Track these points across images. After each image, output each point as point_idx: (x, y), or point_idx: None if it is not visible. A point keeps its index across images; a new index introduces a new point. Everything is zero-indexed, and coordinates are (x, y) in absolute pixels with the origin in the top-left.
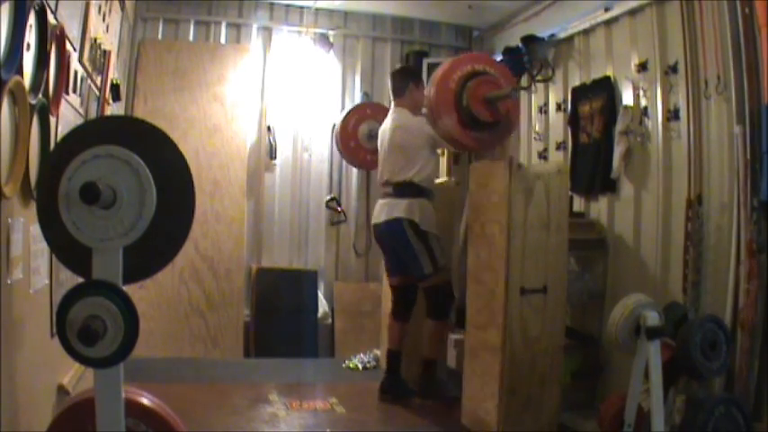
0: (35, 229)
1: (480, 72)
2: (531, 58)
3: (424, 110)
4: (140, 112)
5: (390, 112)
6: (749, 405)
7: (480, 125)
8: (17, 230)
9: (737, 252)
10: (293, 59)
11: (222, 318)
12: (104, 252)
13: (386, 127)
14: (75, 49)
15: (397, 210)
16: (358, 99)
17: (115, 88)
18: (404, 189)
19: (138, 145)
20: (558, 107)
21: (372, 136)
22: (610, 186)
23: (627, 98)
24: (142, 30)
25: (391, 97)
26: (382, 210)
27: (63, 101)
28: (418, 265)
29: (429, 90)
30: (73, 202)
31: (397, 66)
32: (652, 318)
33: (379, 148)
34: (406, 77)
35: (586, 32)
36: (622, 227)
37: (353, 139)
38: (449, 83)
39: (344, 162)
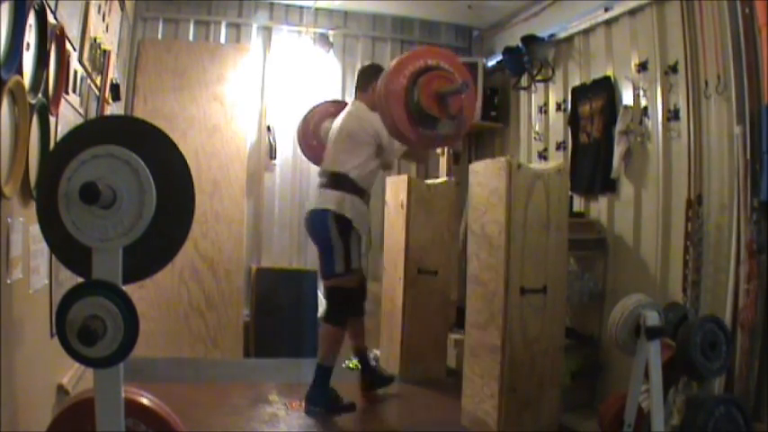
0: (35, 229)
1: (434, 67)
2: (531, 58)
3: None
4: (140, 112)
5: (348, 104)
6: (749, 405)
7: (430, 121)
8: (17, 230)
9: (737, 252)
10: (293, 59)
11: (222, 318)
12: (104, 252)
13: (340, 116)
14: (74, 49)
15: (327, 201)
16: None
17: (115, 88)
18: (338, 181)
19: (138, 145)
20: (558, 107)
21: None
22: (610, 186)
23: (627, 98)
24: (142, 29)
25: (353, 93)
26: (315, 199)
27: (63, 100)
28: (330, 261)
29: (380, 82)
30: (72, 201)
31: (366, 63)
32: (652, 318)
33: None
34: (373, 75)
35: (586, 32)
36: (622, 227)
37: (315, 137)
38: (400, 77)
39: None
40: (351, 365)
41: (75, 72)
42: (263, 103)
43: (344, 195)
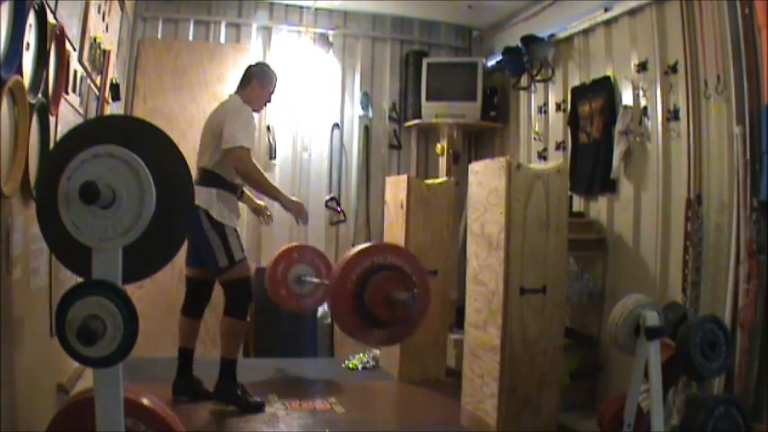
0: (34, 229)
1: (390, 266)
2: (530, 58)
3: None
4: (140, 112)
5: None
6: (749, 405)
7: (378, 323)
8: (17, 230)
9: (737, 252)
10: (293, 59)
11: (221, 317)
12: (104, 252)
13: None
14: (74, 49)
15: (197, 198)
16: (358, 99)
17: (115, 88)
18: (205, 176)
19: (138, 145)
20: (558, 107)
21: (301, 281)
22: (609, 186)
23: (626, 98)
24: (142, 29)
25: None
26: None
27: (62, 100)
28: (213, 257)
29: (333, 274)
30: (72, 201)
31: (259, 61)
32: (651, 318)
33: None
34: (255, 75)
35: (586, 32)
36: (622, 227)
37: (283, 286)
38: (351, 274)
39: (344, 162)
40: (350, 365)
41: (75, 72)
42: None
43: (211, 191)
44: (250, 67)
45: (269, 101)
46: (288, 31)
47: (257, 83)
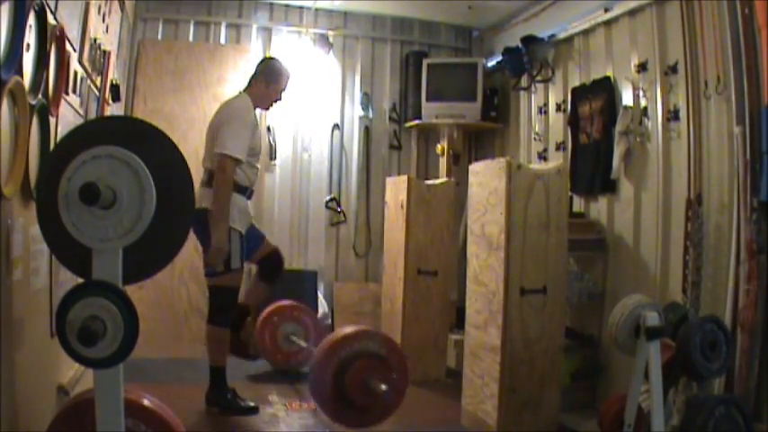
0: (35, 230)
1: (374, 354)
2: (530, 59)
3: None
4: (140, 113)
5: None
6: (749, 405)
7: (355, 407)
8: (17, 231)
9: (737, 252)
10: (293, 60)
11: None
12: (104, 252)
13: None
14: (74, 50)
15: (203, 199)
16: (358, 99)
17: (115, 89)
18: (210, 178)
19: (138, 145)
20: (558, 107)
21: (289, 340)
22: (609, 187)
23: (627, 98)
24: (142, 30)
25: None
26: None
27: (63, 101)
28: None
29: (315, 354)
30: (73, 202)
31: (267, 57)
32: (652, 318)
33: None
34: (261, 73)
35: (586, 33)
36: (622, 227)
37: (280, 351)
38: (334, 358)
39: (344, 162)
40: None
41: (75, 73)
42: None
43: None
44: (258, 63)
45: (278, 99)
46: (288, 32)
47: (262, 81)
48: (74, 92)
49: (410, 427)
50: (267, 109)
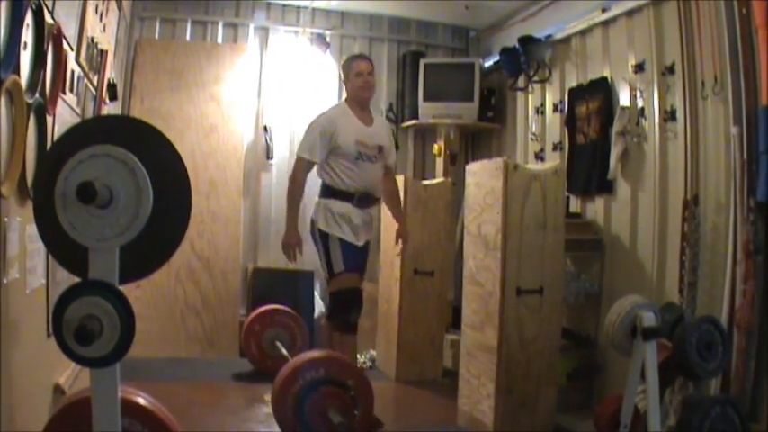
0: (31, 229)
1: (335, 381)
2: (527, 59)
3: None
4: (137, 112)
5: None
6: (745, 406)
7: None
8: (14, 230)
9: (734, 253)
10: (290, 59)
11: (218, 318)
12: (101, 252)
13: None
14: (72, 49)
15: (314, 209)
16: None
17: (112, 88)
18: (321, 187)
19: (135, 145)
20: (555, 108)
21: (273, 346)
22: (606, 187)
23: (624, 99)
24: (139, 29)
25: None
26: None
27: (60, 100)
28: (323, 265)
29: (279, 374)
30: (69, 201)
31: (362, 55)
32: (648, 318)
33: None
34: (342, 75)
35: (583, 33)
36: (619, 227)
37: (269, 358)
38: (299, 378)
39: None
40: None
41: (73, 72)
42: (260, 103)
43: (319, 201)
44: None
45: (362, 86)
46: (285, 32)
47: (344, 79)
48: (71, 91)
49: (406, 427)
50: (368, 97)
